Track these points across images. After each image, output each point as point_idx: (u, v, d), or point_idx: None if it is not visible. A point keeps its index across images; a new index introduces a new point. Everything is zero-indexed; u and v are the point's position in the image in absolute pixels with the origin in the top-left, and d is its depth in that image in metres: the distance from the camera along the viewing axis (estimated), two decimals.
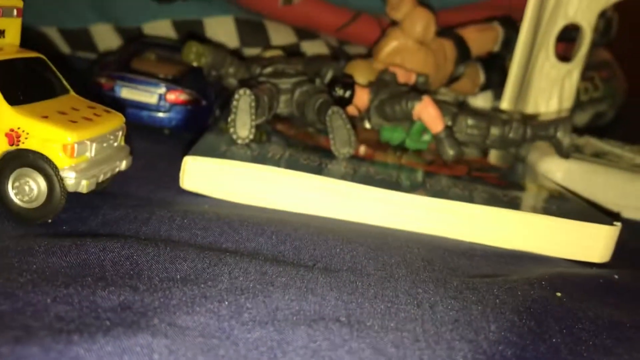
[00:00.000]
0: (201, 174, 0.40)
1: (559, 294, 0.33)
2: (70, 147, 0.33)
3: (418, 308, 0.28)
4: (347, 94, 0.52)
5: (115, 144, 0.38)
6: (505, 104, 0.67)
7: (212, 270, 0.28)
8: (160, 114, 0.52)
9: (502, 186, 0.47)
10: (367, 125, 0.55)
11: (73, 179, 0.33)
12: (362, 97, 0.53)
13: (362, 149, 0.51)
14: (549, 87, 0.64)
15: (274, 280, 0.28)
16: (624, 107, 0.85)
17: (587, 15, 0.62)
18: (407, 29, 0.60)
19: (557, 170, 0.54)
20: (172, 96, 0.52)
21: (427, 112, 0.49)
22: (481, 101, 0.74)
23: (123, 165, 0.38)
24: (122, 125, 0.38)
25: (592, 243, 0.41)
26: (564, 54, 0.65)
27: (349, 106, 0.53)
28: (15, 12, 0.38)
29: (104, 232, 0.33)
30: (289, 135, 0.51)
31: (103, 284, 0.25)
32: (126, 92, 0.52)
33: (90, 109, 0.37)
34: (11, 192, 0.34)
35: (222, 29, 0.73)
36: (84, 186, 0.34)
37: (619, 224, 0.41)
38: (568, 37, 0.65)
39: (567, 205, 0.45)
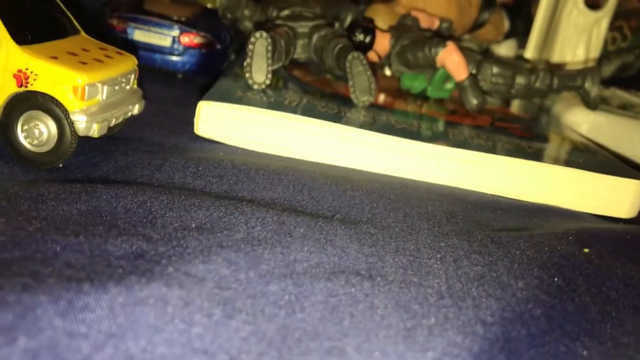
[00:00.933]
0: (216, 120, 0.39)
1: (586, 250, 0.31)
2: (81, 89, 0.32)
3: (441, 263, 0.27)
4: (368, 38, 0.50)
5: (128, 87, 0.36)
6: (529, 52, 0.65)
7: (228, 219, 0.27)
8: (174, 57, 0.50)
9: (527, 137, 0.45)
10: (388, 72, 0.53)
11: (84, 123, 0.32)
12: (382, 43, 0.51)
13: (382, 97, 0.49)
14: (576, 35, 0.61)
15: (292, 230, 0.27)
16: None
17: None
18: None
19: (583, 122, 0.52)
20: (186, 39, 0.50)
21: (451, 59, 0.47)
22: (505, 49, 0.71)
23: (136, 109, 0.37)
24: (134, 67, 0.37)
25: (619, 198, 0.40)
26: (593, 2, 0.62)
27: (369, 52, 0.51)
28: None
29: (116, 178, 0.31)
30: (306, 81, 0.49)
31: (115, 232, 0.24)
32: (139, 34, 0.50)
33: (101, 50, 0.36)
34: (21, 136, 0.32)
35: None
36: (95, 130, 0.33)
37: None
38: None
39: (593, 158, 0.43)
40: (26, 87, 0.32)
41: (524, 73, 0.49)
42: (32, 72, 0.32)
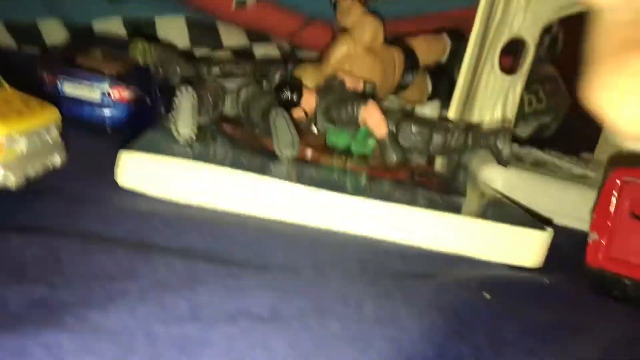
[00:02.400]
0: (138, 171, 0.40)
1: (487, 296, 0.33)
2: None
3: (345, 307, 0.28)
4: (294, 96, 0.52)
5: (49, 139, 0.37)
6: (452, 113, 0.68)
7: (137, 266, 0.28)
8: (103, 111, 0.51)
9: (443, 191, 0.48)
10: (315, 129, 0.55)
11: (1, 175, 0.32)
12: (309, 101, 0.53)
13: (309, 153, 0.51)
14: (493, 98, 0.65)
15: (200, 276, 0.28)
16: (567, 120, 0.88)
17: (531, 30, 0.63)
18: (356, 36, 0.61)
19: (497, 178, 0.55)
20: (116, 93, 0.51)
21: (371, 117, 0.50)
22: (429, 110, 0.75)
23: (57, 161, 0.37)
24: (56, 119, 0.37)
25: (525, 247, 0.42)
26: (512, 67, 0.67)
27: (295, 109, 0.53)
28: None
29: (31, 227, 0.32)
30: (234, 136, 0.50)
31: (19, 279, 0.25)
32: (69, 87, 0.51)
33: (23, 102, 0.36)
34: None
35: (173, 29, 0.72)
36: (12, 181, 0.33)
37: (550, 229, 0.42)
38: (516, 50, 0.66)
39: (502, 210, 0.46)
40: None
41: (440, 132, 0.52)
42: None
